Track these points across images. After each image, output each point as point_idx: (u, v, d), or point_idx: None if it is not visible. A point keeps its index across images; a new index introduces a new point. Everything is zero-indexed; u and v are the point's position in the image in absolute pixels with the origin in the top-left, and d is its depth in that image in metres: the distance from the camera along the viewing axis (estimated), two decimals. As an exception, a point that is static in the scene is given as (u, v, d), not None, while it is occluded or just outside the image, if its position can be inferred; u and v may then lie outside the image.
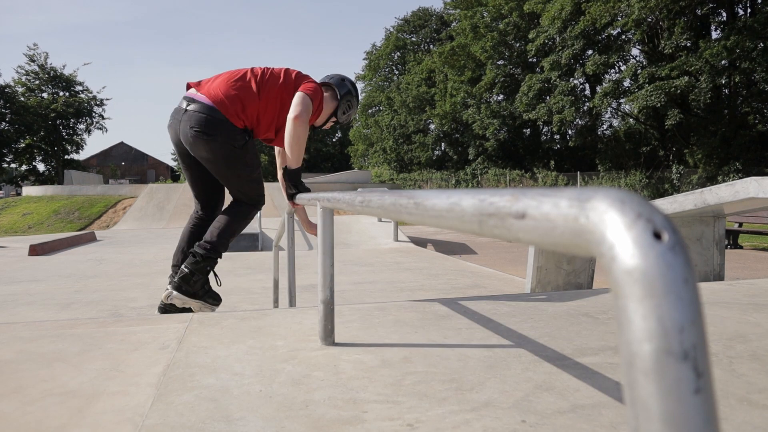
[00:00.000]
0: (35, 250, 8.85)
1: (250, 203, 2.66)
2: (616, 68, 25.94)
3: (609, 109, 26.14)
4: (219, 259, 2.56)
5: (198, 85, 2.53)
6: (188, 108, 2.42)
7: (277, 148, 2.86)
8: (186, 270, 2.45)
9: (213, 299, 2.55)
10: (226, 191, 2.71)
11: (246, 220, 2.66)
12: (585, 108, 26.17)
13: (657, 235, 0.29)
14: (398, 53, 44.85)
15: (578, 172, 26.91)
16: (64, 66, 42.51)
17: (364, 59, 47.08)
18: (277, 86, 2.52)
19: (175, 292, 2.46)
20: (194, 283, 2.46)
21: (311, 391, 1.35)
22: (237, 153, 2.45)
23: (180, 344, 1.77)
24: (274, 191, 21.61)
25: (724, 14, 22.37)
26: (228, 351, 1.68)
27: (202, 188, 2.68)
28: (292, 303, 2.85)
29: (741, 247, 10.05)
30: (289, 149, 2.41)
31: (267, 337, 1.83)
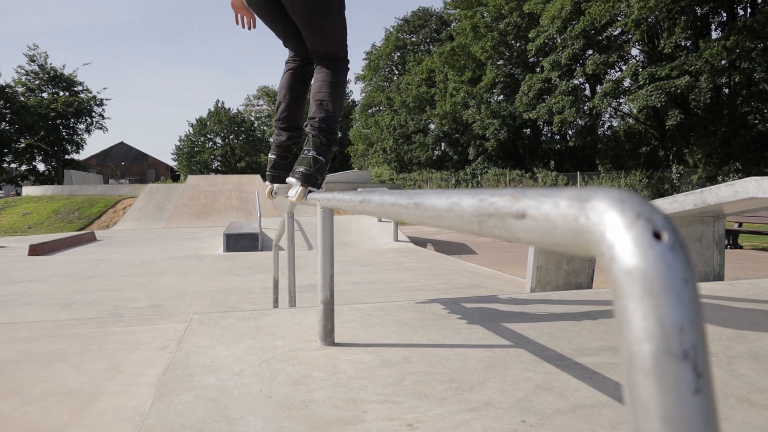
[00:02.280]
0: (35, 250, 8.85)
1: (344, 57, 2.28)
2: (616, 68, 25.94)
3: (609, 109, 26.14)
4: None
5: None
6: None
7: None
8: (319, 159, 2.16)
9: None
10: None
11: (345, 85, 2.32)
12: (585, 108, 26.17)
13: (657, 235, 0.29)
14: (398, 53, 44.86)
15: (578, 172, 26.91)
16: (64, 66, 42.57)
17: (363, 59, 47.11)
18: None
19: (302, 187, 2.12)
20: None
21: (311, 391, 1.35)
22: None
23: (180, 344, 1.77)
24: (274, 191, 21.58)
25: (724, 14, 22.37)
26: (228, 351, 1.68)
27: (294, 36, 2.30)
28: (292, 303, 2.85)
29: (741, 247, 10.05)
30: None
31: (267, 337, 1.83)
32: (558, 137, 31.63)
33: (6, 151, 38.84)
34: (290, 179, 2.18)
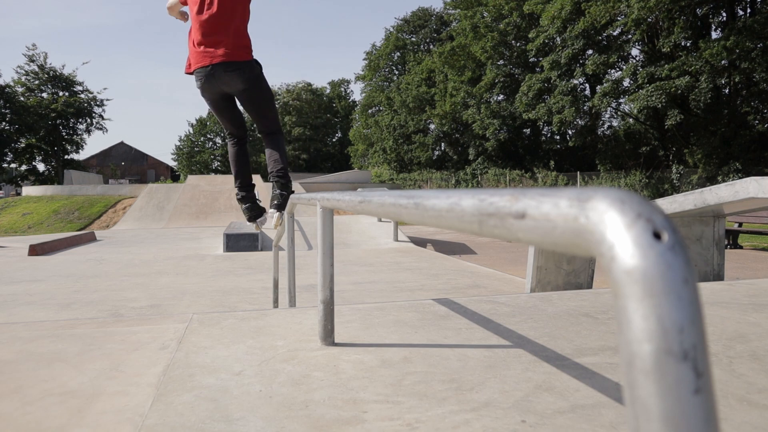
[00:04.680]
0: (35, 250, 8.85)
1: (280, 129, 3.27)
2: (616, 68, 25.93)
3: (609, 109, 26.14)
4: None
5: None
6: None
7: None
8: (284, 194, 3.14)
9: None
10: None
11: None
12: (585, 108, 26.17)
13: (657, 235, 0.29)
14: (398, 53, 44.84)
15: (578, 172, 26.91)
16: (63, 66, 42.59)
17: (363, 59, 47.09)
18: None
19: (279, 213, 3.18)
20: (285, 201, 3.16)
21: (311, 391, 1.35)
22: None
23: (180, 344, 1.77)
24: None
25: (724, 14, 22.37)
26: (228, 351, 1.68)
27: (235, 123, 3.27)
28: (292, 303, 2.85)
29: (741, 247, 10.05)
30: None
31: (267, 337, 1.83)
32: (558, 137, 31.63)
33: (6, 151, 38.83)
34: (271, 210, 3.26)
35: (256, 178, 25.08)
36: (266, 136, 3.20)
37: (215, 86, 2.88)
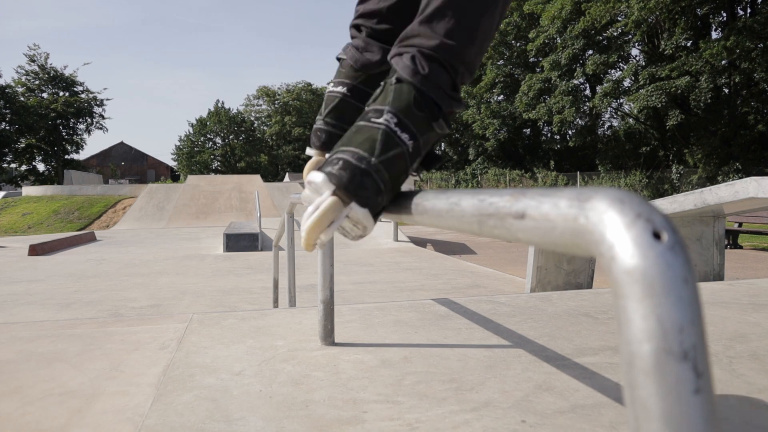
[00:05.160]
0: (35, 250, 8.85)
1: None
2: (616, 68, 25.95)
3: (609, 109, 26.16)
4: None
5: None
6: None
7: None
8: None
9: None
10: None
11: None
12: (585, 108, 26.18)
13: (656, 235, 0.29)
14: (398, 53, 44.86)
15: (578, 172, 26.92)
16: (65, 67, 42.62)
17: (364, 59, 47.01)
18: None
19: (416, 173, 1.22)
20: None
21: (311, 391, 1.35)
22: None
23: (180, 344, 1.77)
24: (273, 191, 21.62)
25: (724, 14, 22.38)
26: (228, 351, 1.68)
27: None
28: (292, 303, 2.85)
29: (741, 247, 10.05)
30: None
31: (267, 337, 1.83)
32: (558, 137, 31.64)
33: (6, 151, 38.84)
34: (315, 177, 0.96)
35: (256, 178, 25.09)
36: None
37: None
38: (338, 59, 1.15)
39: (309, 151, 1.09)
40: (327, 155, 0.93)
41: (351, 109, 1.08)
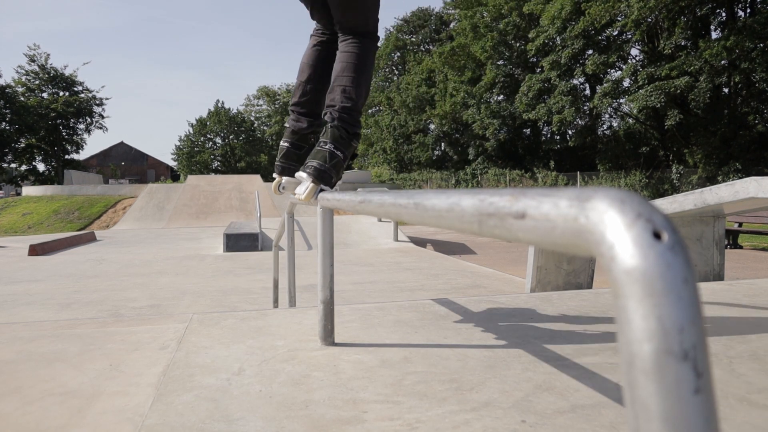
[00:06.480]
0: (35, 250, 8.85)
1: (374, 32, 1.99)
2: (616, 68, 25.94)
3: (609, 109, 26.15)
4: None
5: None
6: None
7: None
8: (337, 152, 1.88)
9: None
10: None
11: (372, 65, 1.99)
12: (585, 108, 26.17)
13: (657, 235, 0.29)
14: (398, 53, 44.86)
15: (578, 172, 26.91)
16: (65, 66, 42.60)
17: (363, 59, 47.01)
18: None
19: (311, 182, 1.86)
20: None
21: (311, 391, 1.35)
22: None
23: (180, 344, 1.77)
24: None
25: (724, 14, 22.36)
26: (228, 351, 1.68)
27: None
28: (292, 303, 2.85)
29: (741, 247, 10.05)
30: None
31: (267, 337, 1.83)
32: (558, 137, 31.62)
33: (6, 151, 38.83)
34: (300, 174, 1.87)
35: (256, 178, 25.09)
36: (345, 38, 1.95)
37: None
38: (285, 127, 2.12)
39: (275, 174, 2.14)
40: (285, 177, 2.09)
41: (292, 153, 2.09)
